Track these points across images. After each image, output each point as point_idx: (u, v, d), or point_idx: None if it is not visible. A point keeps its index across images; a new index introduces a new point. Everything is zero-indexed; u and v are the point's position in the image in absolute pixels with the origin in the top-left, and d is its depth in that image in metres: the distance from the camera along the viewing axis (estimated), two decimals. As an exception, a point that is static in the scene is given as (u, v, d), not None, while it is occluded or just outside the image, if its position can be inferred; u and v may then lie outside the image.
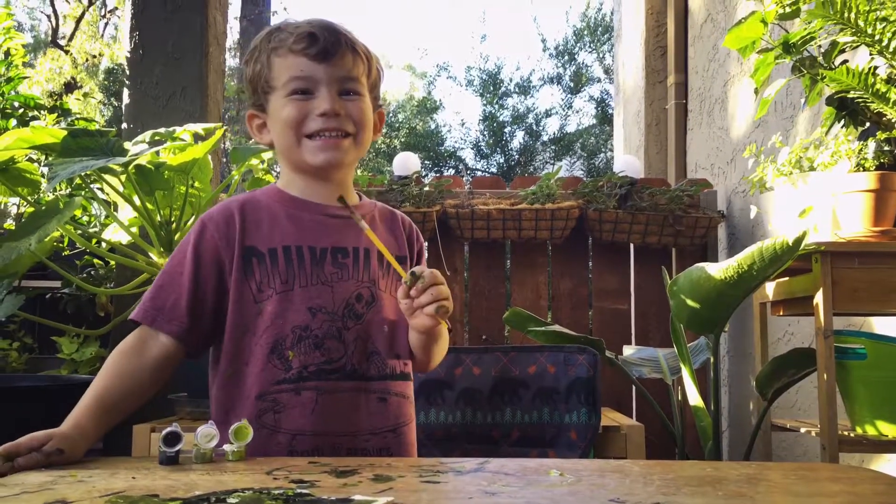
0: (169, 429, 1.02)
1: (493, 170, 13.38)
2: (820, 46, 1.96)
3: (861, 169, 1.80)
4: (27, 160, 2.33)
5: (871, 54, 1.89)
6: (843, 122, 1.93)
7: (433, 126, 14.48)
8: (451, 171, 13.32)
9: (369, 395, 1.22)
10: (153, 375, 1.17)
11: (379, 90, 1.32)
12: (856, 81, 1.80)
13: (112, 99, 12.21)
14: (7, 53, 2.83)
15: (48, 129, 2.04)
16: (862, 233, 1.76)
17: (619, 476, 0.94)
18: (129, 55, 2.76)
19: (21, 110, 2.69)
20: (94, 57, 10.06)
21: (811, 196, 1.86)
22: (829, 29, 1.89)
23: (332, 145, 1.21)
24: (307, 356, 1.18)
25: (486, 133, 13.79)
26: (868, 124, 1.92)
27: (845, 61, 1.91)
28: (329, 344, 1.20)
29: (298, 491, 0.82)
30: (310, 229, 1.24)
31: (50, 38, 10.20)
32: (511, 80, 14.12)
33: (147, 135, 2.27)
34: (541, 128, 13.77)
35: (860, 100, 1.84)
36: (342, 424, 1.20)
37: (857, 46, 1.93)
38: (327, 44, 1.19)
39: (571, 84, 13.97)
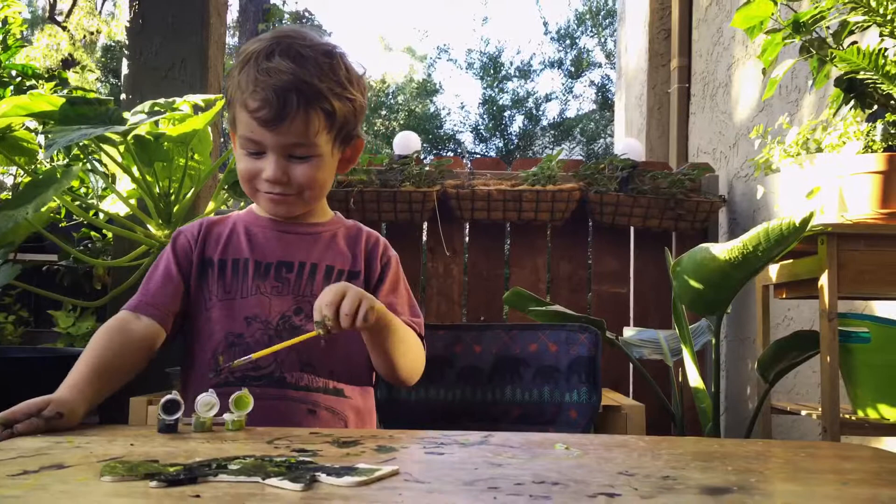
0: (168, 396, 1.00)
1: (492, 154, 13.35)
2: (829, 27, 1.94)
3: (869, 151, 1.78)
4: (24, 129, 2.30)
5: (881, 35, 1.87)
6: (851, 103, 1.91)
7: (432, 109, 14.43)
8: (450, 155, 13.28)
9: (298, 406, 1.23)
10: (139, 351, 1.21)
11: (355, 123, 1.28)
12: (866, 62, 1.78)
13: (109, 76, 12.12)
14: (4, 21, 2.78)
15: (46, 97, 2.01)
16: (869, 215, 1.74)
17: (626, 450, 0.92)
18: (128, 25, 2.72)
19: (18, 79, 2.65)
20: (92, 34, 9.96)
21: (818, 177, 1.84)
22: (840, 8, 1.87)
23: (279, 201, 1.27)
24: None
25: (485, 117, 13.74)
26: (876, 107, 1.90)
27: (854, 42, 1.88)
28: (258, 351, 1.22)
29: (301, 459, 0.81)
30: (261, 244, 1.31)
31: (47, 14, 10.09)
32: (511, 63, 14.07)
33: (146, 105, 2.24)
34: (540, 112, 13.74)
35: (870, 81, 1.82)
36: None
37: (867, 27, 1.90)
38: (278, 111, 1.17)
39: (572, 69, 13.92)
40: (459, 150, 13.55)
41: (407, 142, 3.31)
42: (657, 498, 0.68)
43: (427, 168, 3.22)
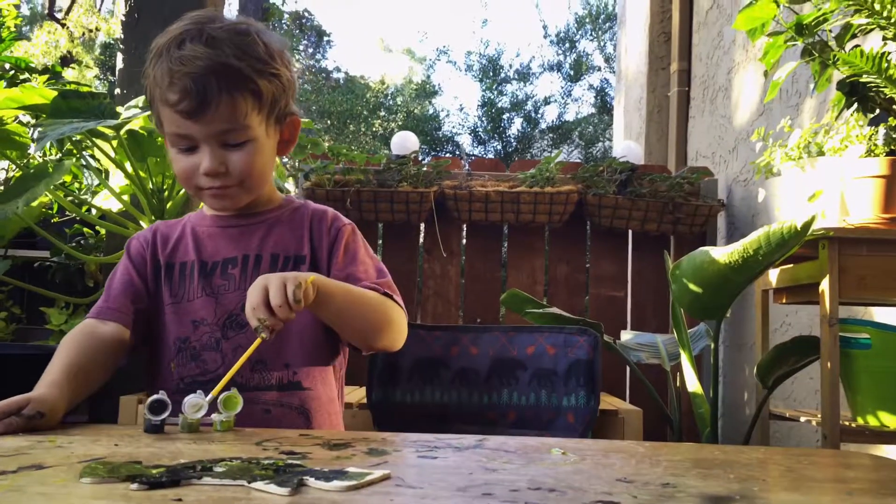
0: (155, 396, 0.98)
1: (491, 156, 13.34)
2: (831, 31, 1.92)
3: (871, 155, 1.76)
4: (16, 122, 2.27)
5: (884, 39, 1.85)
6: (853, 107, 1.89)
7: (431, 110, 14.42)
8: (448, 156, 13.25)
9: (252, 407, 1.17)
10: (109, 352, 1.18)
11: (286, 101, 1.23)
12: (869, 65, 1.75)
13: (108, 73, 12.09)
14: (-2, 13, 2.75)
15: (39, 90, 1.98)
16: (871, 219, 1.72)
17: (624, 456, 0.90)
18: (124, 18, 2.68)
19: (12, 72, 2.62)
20: (91, 31, 9.92)
21: (820, 181, 1.82)
22: (843, 10, 1.85)
23: (221, 195, 1.22)
24: (184, 368, 1.22)
25: (484, 119, 13.73)
26: (878, 111, 1.88)
27: (857, 46, 1.86)
28: (205, 355, 1.21)
29: (289, 462, 0.78)
30: (206, 244, 1.28)
31: (46, 11, 10.05)
32: (511, 66, 14.06)
33: (140, 99, 2.20)
34: (539, 115, 13.73)
35: (873, 85, 1.80)
36: None
37: (870, 31, 1.88)
38: (199, 99, 1.11)
39: (571, 72, 13.91)
40: (458, 153, 13.54)
41: (405, 142, 3.29)
42: (658, 507, 0.65)
43: (425, 168, 3.20)
